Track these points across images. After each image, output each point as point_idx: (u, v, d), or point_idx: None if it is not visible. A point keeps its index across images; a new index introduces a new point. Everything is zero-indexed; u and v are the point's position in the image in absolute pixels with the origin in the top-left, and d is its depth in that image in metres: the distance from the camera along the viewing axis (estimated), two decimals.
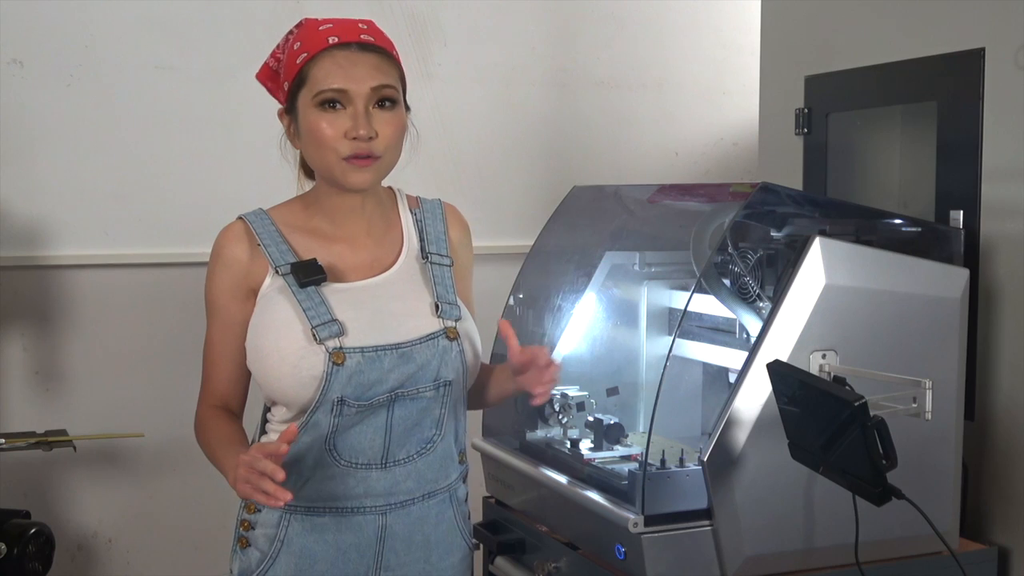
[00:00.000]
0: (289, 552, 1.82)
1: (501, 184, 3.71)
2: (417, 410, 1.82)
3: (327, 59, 1.77)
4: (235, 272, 1.83)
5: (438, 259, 1.91)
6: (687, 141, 3.98)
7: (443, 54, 3.60)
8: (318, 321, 1.77)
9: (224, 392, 1.87)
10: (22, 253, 3.16)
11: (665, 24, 3.91)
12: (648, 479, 2.01)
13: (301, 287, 1.79)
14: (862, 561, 1.94)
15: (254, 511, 1.85)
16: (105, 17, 3.21)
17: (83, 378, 3.24)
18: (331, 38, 1.78)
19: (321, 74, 1.77)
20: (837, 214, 2.36)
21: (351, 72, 1.77)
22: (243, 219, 1.87)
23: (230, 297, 1.84)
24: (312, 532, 1.82)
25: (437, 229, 1.95)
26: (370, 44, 1.80)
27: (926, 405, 1.91)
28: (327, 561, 1.83)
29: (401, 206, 1.96)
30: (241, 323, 1.84)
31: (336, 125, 1.77)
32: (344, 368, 1.75)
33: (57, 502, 3.23)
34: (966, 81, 2.37)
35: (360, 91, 1.76)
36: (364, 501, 1.82)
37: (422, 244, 1.92)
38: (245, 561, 1.85)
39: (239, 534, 1.87)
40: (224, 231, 1.87)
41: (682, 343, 2.37)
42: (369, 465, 1.82)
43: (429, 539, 1.89)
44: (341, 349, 1.75)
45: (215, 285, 1.85)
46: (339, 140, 1.76)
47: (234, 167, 3.33)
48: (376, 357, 1.77)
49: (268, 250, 1.82)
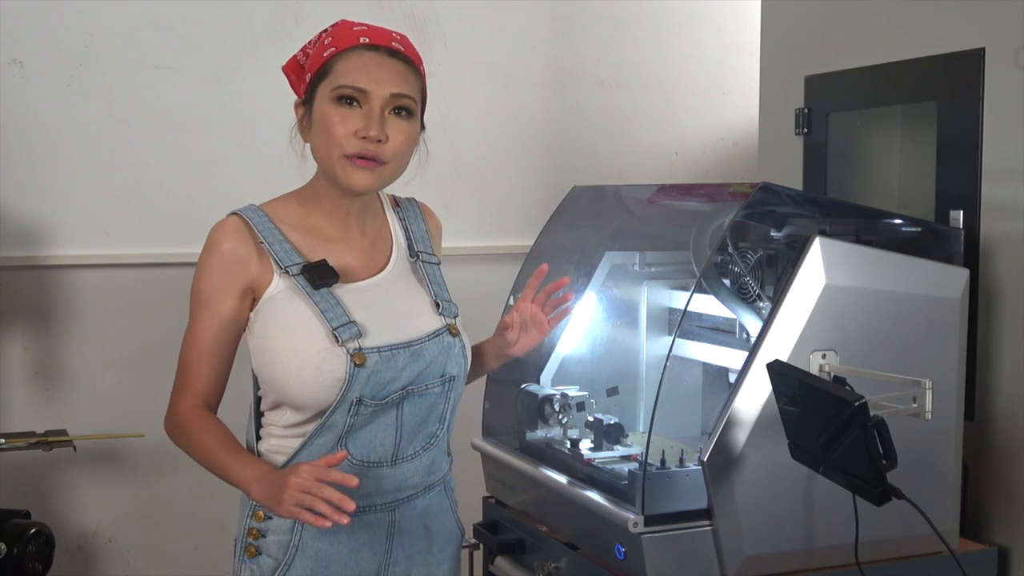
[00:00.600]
0: (304, 556, 1.82)
1: (501, 184, 3.71)
2: (425, 406, 1.84)
3: (354, 56, 1.79)
4: (234, 268, 1.80)
5: (427, 257, 1.94)
6: (687, 141, 3.98)
7: (443, 54, 3.60)
8: (337, 323, 1.76)
9: (206, 391, 1.82)
10: (22, 253, 3.16)
11: (665, 24, 3.91)
12: (648, 479, 2.01)
13: (315, 288, 1.78)
14: (862, 561, 1.94)
15: (263, 519, 1.83)
16: (105, 17, 3.21)
17: (83, 378, 3.24)
18: (362, 38, 1.81)
19: (345, 69, 1.78)
20: (837, 214, 2.36)
21: (375, 73, 1.78)
22: (240, 215, 1.84)
23: (227, 293, 1.80)
24: (326, 534, 1.81)
25: (420, 228, 1.97)
26: (399, 52, 1.82)
27: (926, 405, 1.91)
28: (341, 562, 1.83)
29: (386, 206, 1.97)
30: (234, 321, 1.81)
31: (349, 122, 1.77)
32: (364, 369, 1.75)
33: (57, 502, 3.22)
34: (966, 81, 2.37)
35: (379, 93, 1.77)
36: (375, 499, 1.83)
37: (410, 243, 1.94)
38: (257, 570, 1.83)
39: (247, 543, 1.84)
40: (220, 225, 1.83)
41: (682, 343, 2.38)
42: (380, 463, 1.83)
43: (431, 530, 1.92)
44: (361, 350, 1.76)
45: (208, 280, 1.81)
46: (348, 137, 1.77)
47: (234, 167, 3.33)
48: (392, 356, 1.79)
49: (273, 249, 1.80)
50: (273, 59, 3.35)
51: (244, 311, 1.82)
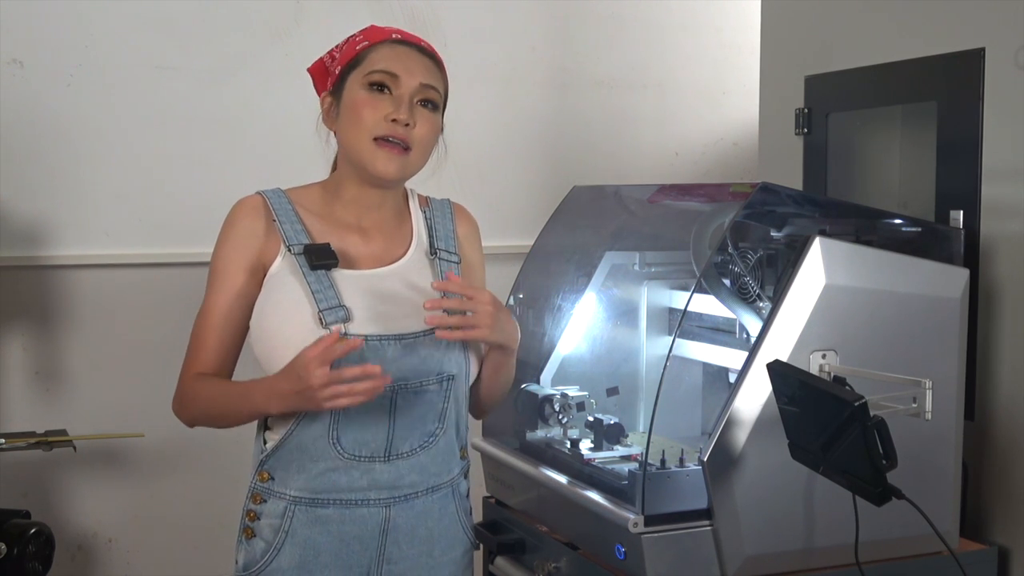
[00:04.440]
0: (293, 543, 1.83)
1: (501, 184, 3.71)
2: (420, 403, 1.84)
3: (386, 47, 1.88)
4: (249, 244, 1.85)
5: (446, 255, 1.94)
6: (687, 141, 3.98)
7: (443, 54, 3.57)
8: (325, 305, 1.78)
9: (215, 362, 1.85)
10: (22, 253, 3.16)
11: (665, 24, 3.91)
12: (648, 479, 2.01)
13: (312, 269, 1.81)
14: (862, 561, 1.94)
15: (260, 501, 1.85)
16: (105, 17, 3.21)
17: (83, 378, 3.24)
18: (394, 34, 1.90)
19: (377, 57, 1.86)
20: (837, 214, 2.36)
21: (407, 63, 1.86)
22: (261, 194, 1.89)
23: (239, 268, 1.85)
24: (316, 523, 1.83)
25: (446, 227, 1.98)
26: (427, 50, 1.91)
27: (926, 405, 1.91)
28: (331, 552, 1.84)
29: (412, 203, 1.99)
30: (245, 295, 1.85)
31: (379, 107, 1.83)
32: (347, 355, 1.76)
33: (57, 502, 3.22)
34: (966, 81, 2.37)
35: (410, 82, 1.84)
36: (369, 494, 1.83)
37: (431, 240, 1.95)
38: (250, 552, 1.86)
39: (245, 524, 1.87)
40: (241, 202, 1.89)
41: (682, 343, 2.38)
42: (373, 458, 1.83)
43: (432, 533, 1.90)
44: (345, 335, 1.76)
45: (225, 254, 1.86)
46: (378, 121, 1.82)
47: (234, 167, 3.33)
48: (380, 346, 1.79)
49: (283, 227, 1.84)
50: (273, 59, 3.40)
51: (255, 287, 1.85)
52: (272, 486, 1.85)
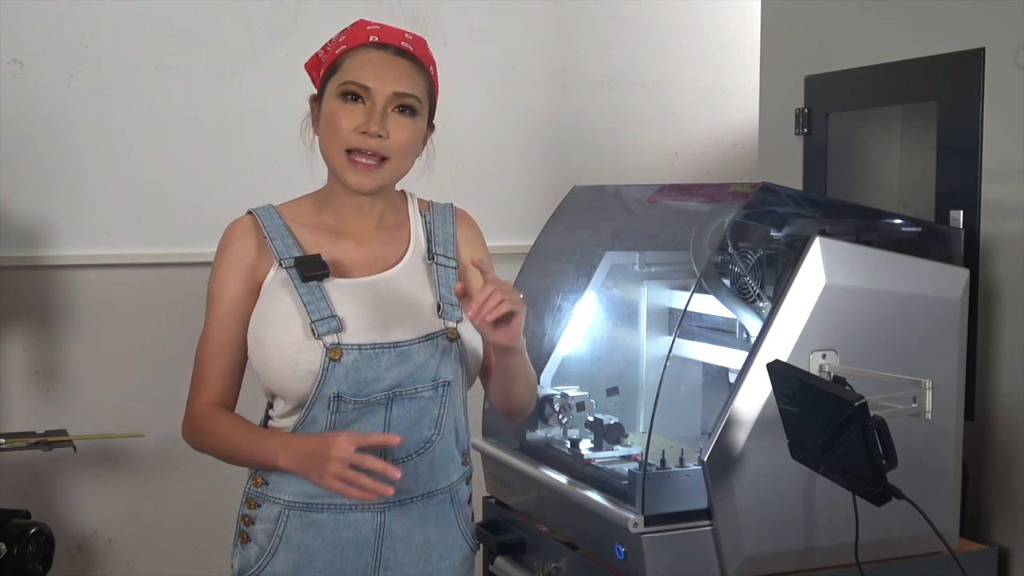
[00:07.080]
0: (288, 548, 1.83)
1: (501, 184, 3.71)
2: (415, 409, 1.82)
3: (362, 54, 1.83)
4: (243, 266, 1.85)
5: (444, 260, 1.92)
6: (687, 141, 3.98)
7: (443, 54, 3.56)
8: (317, 316, 1.78)
9: (221, 389, 1.86)
10: (22, 253, 3.16)
11: (665, 24, 3.91)
12: (648, 479, 2.01)
13: (304, 281, 1.81)
14: (862, 561, 1.94)
15: (254, 506, 1.85)
16: (105, 17, 3.21)
17: (83, 378, 3.24)
18: (372, 36, 1.85)
19: (351, 66, 1.82)
20: (837, 214, 2.36)
21: (380, 71, 1.81)
22: (252, 213, 1.89)
23: (235, 291, 1.85)
24: (310, 528, 1.83)
25: (446, 232, 1.96)
26: (406, 51, 1.85)
27: (926, 405, 1.91)
28: (325, 558, 1.83)
29: (411, 208, 1.97)
30: (244, 316, 1.85)
31: (352, 118, 1.80)
32: (340, 364, 1.76)
33: (57, 502, 3.22)
34: (966, 81, 2.37)
35: (382, 91, 1.81)
36: (362, 499, 1.82)
37: (429, 245, 1.93)
38: (245, 556, 1.86)
39: (240, 529, 1.87)
40: (233, 225, 1.89)
41: (682, 343, 2.38)
42: None
43: (429, 539, 1.88)
44: (339, 345, 1.76)
45: (220, 278, 1.86)
46: (349, 132, 1.80)
47: (234, 167, 3.33)
48: (374, 355, 1.78)
49: (273, 243, 1.84)
50: (273, 59, 3.40)
51: (251, 306, 1.85)
52: (266, 491, 1.84)
